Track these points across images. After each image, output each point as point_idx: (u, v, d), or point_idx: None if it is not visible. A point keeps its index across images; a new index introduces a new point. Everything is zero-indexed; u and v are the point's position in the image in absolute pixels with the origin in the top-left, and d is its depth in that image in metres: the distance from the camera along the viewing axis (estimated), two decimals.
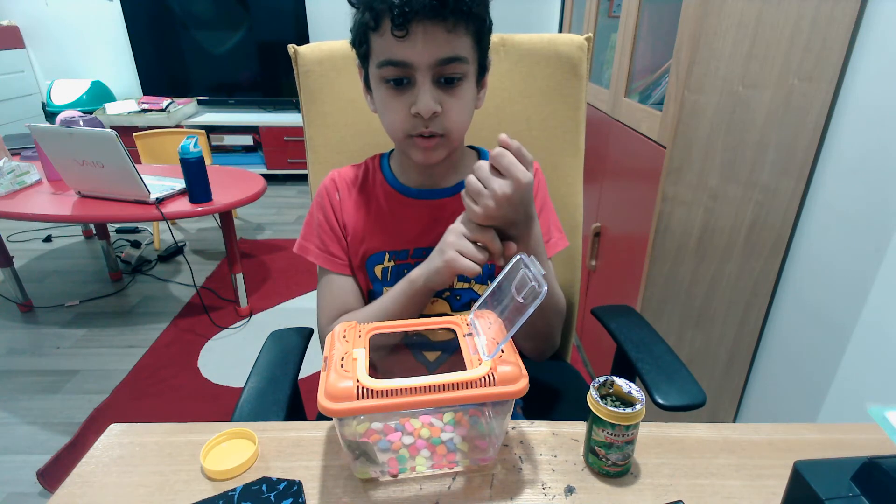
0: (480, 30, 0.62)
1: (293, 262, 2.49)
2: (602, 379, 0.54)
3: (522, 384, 0.47)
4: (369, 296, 0.75)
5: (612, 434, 0.50)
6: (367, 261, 0.73)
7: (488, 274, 0.73)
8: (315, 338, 0.80)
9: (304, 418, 0.74)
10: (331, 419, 0.50)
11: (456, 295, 0.72)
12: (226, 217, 1.90)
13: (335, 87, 0.87)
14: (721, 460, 0.54)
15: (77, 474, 0.52)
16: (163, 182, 1.83)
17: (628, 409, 0.49)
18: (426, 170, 0.71)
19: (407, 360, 0.68)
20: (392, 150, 0.77)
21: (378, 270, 0.72)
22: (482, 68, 0.66)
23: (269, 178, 2.52)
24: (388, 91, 0.62)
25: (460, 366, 0.49)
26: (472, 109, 0.67)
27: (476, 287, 0.73)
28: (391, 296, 0.66)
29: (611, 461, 0.51)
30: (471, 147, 0.79)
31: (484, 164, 0.55)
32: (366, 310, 0.70)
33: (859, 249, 1.01)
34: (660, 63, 1.31)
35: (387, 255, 0.72)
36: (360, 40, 0.63)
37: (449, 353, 0.55)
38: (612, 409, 0.49)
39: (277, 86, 3.57)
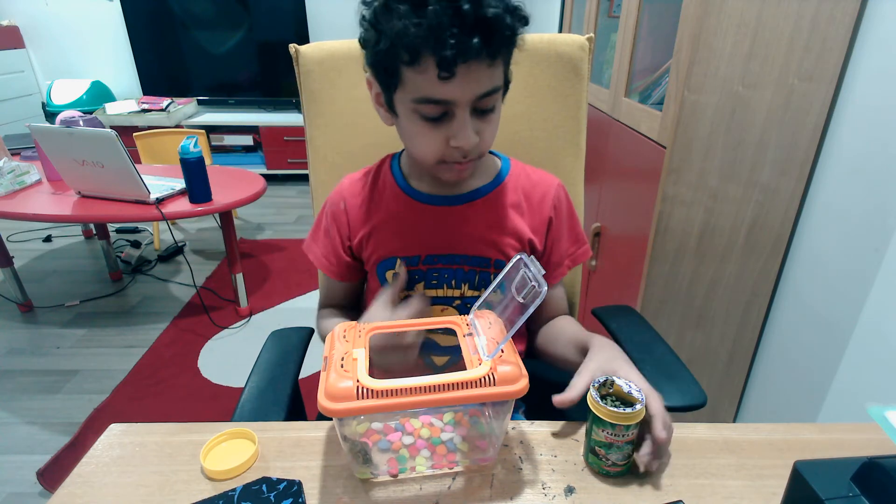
0: (511, 51, 0.61)
1: (293, 262, 2.49)
2: (602, 379, 0.54)
3: (522, 384, 0.47)
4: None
5: (612, 434, 0.50)
6: (378, 266, 0.72)
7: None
8: (315, 338, 0.80)
9: (304, 418, 0.74)
10: (331, 419, 0.50)
11: (466, 303, 0.72)
12: (226, 217, 1.90)
13: (336, 87, 0.87)
14: (721, 460, 0.54)
15: (77, 474, 0.52)
16: (163, 182, 1.84)
17: (628, 409, 0.49)
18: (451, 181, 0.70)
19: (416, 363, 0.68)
20: (402, 151, 0.76)
21: (389, 276, 0.72)
22: (507, 84, 0.65)
23: (269, 178, 2.51)
24: (423, 124, 0.60)
25: (460, 366, 0.49)
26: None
27: None
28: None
29: (611, 461, 0.51)
30: (491, 153, 0.76)
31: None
32: (327, 328, 0.72)
33: (859, 249, 1.01)
34: (660, 63, 1.31)
35: (398, 261, 0.71)
36: (388, 70, 0.58)
37: (458, 357, 0.55)
38: (612, 409, 0.49)
39: (277, 86, 3.57)
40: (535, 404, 0.79)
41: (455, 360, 0.57)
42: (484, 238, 0.71)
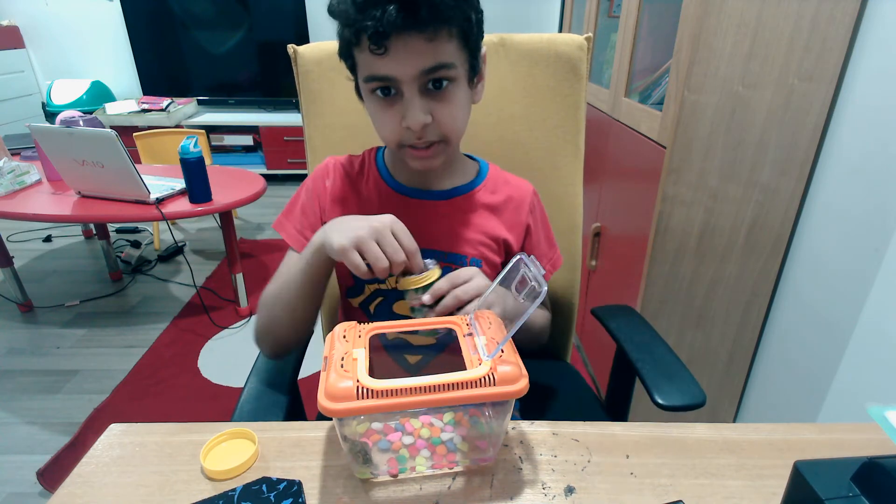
0: (467, 29, 0.59)
1: None
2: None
3: (522, 384, 0.47)
4: (348, 291, 0.75)
5: (413, 298, 0.58)
6: None
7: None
8: (315, 338, 0.80)
9: (304, 418, 0.74)
10: (331, 419, 0.50)
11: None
12: (226, 217, 1.90)
13: (335, 87, 0.87)
14: (721, 460, 0.54)
15: (77, 474, 0.52)
16: (163, 182, 1.83)
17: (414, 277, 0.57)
18: (422, 171, 0.70)
19: (387, 364, 0.67)
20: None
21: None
22: (473, 68, 0.64)
23: (269, 178, 2.51)
24: (377, 103, 0.61)
25: (460, 366, 0.49)
26: (467, 110, 0.65)
27: None
28: (292, 265, 0.66)
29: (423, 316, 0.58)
30: (469, 157, 0.77)
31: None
32: (276, 279, 0.68)
33: (859, 249, 1.01)
34: (660, 63, 1.31)
35: None
36: (345, 54, 0.62)
37: (430, 357, 0.56)
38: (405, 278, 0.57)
39: (277, 86, 3.57)
40: (530, 404, 0.79)
41: (428, 359, 0.57)
42: (461, 236, 0.71)
